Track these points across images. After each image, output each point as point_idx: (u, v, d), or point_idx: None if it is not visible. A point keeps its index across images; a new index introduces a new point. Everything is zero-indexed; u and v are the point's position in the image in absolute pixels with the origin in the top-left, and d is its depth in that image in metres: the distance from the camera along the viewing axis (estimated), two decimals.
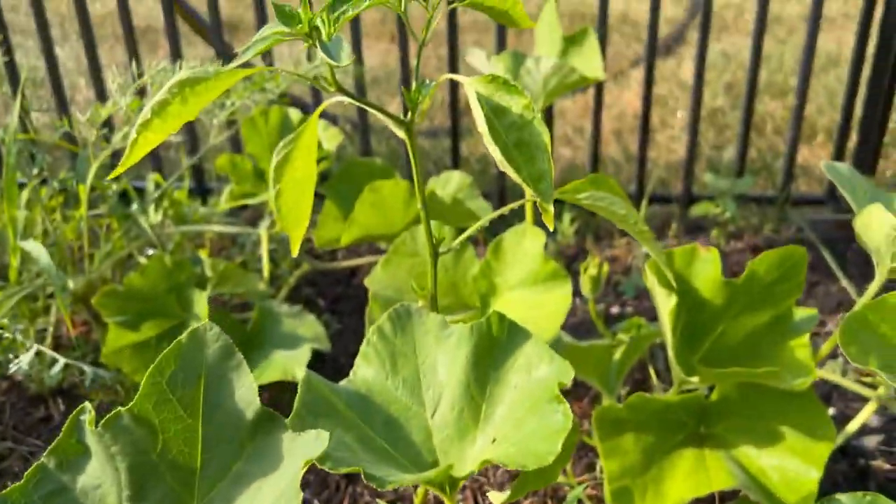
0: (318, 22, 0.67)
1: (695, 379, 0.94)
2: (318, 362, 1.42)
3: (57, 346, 1.45)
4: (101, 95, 1.78)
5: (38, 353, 1.28)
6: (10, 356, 1.20)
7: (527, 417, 0.66)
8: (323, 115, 2.13)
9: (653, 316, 1.56)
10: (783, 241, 1.79)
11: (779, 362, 0.96)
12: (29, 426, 1.32)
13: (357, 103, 0.74)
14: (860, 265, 1.71)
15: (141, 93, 1.33)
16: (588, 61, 1.47)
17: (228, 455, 0.52)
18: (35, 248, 1.25)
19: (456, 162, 1.88)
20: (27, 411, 1.34)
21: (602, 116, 1.78)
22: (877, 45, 1.62)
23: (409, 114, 0.75)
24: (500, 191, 1.86)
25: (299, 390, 0.69)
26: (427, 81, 0.72)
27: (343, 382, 0.76)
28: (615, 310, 1.59)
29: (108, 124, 1.80)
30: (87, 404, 0.53)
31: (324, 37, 0.66)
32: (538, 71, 1.44)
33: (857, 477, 1.12)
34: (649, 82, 1.70)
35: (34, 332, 1.41)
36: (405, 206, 1.27)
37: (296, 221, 0.87)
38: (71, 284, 1.47)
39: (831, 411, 1.26)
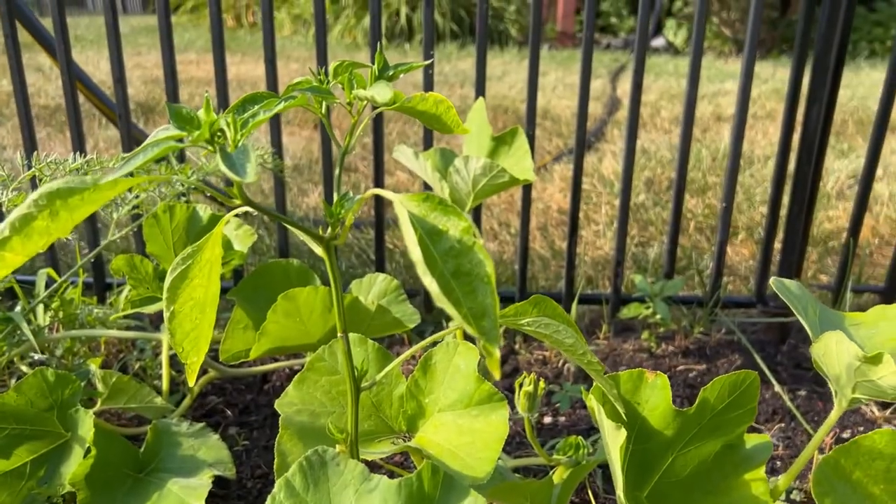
0: (223, 124, 0.57)
1: None
2: (222, 487, 1.26)
3: None
4: None
5: None
6: None
7: None
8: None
9: (586, 426, 1.47)
10: (714, 344, 1.75)
11: (734, 497, 0.87)
12: None
13: (269, 216, 0.64)
14: (791, 368, 1.68)
15: (33, 183, 1.19)
16: (518, 162, 1.41)
17: None
18: None
19: (381, 258, 1.79)
20: None
21: (530, 213, 1.73)
22: (799, 143, 1.63)
23: (330, 229, 0.65)
24: (425, 294, 1.77)
25: None
26: (350, 195, 0.63)
27: None
28: (548, 419, 1.50)
29: None
30: None
31: (229, 143, 0.56)
32: (467, 171, 1.38)
33: None
34: (577, 185, 1.66)
35: None
36: (323, 315, 1.15)
37: (193, 347, 0.75)
38: None
39: None
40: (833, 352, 0.77)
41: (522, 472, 1.30)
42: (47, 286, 1.52)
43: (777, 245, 1.80)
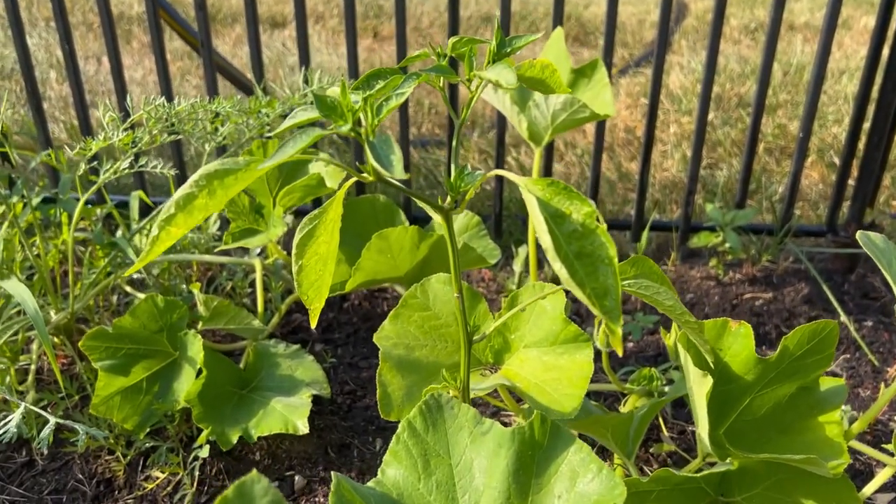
0: (360, 112, 0.61)
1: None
2: (315, 403, 1.37)
3: (38, 382, 1.38)
4: (80, 95, 1.68)
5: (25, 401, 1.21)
6: None
7: None
8: (323, 141, 2.06)
9: (654, 352, 1.53)
10: (781, 273, 1.77)
11: (807, 437, 0.93)
12: (10, 473, 1.25)
13: (401, 190, 0.68)
14: (858, 298, 1.70)
15: (132, 127, 1.25)
16: (597, 95, 1.42)
17: None
18: (18, 290, 1.17)
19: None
20: (8, 455, 1.27)
21: (602, 146, 1.74)
22: (887, 62, 1.58)
23: (449, 200, 0.70)
24: (496, 215, 1.82)
25: (330, 501, 0.65)
26: (471, 170, 0.67)
27: (372, 483, 0.71)
28: None
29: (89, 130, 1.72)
30: None
31: (367, 131, 0.60)
32: (546, 105, 1.40)
33: None
34: (652, 116, 1.66)
35: (14, 371, 1.34)
36: (412, 252, 1.21)
37: (316, 295, 0.82)
38: (53, 316, 1.40)
39: None
40: None
41: (594, 396, 1.38)
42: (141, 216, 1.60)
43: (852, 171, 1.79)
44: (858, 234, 0.93)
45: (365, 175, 0.65)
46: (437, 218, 0.71)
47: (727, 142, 2.42)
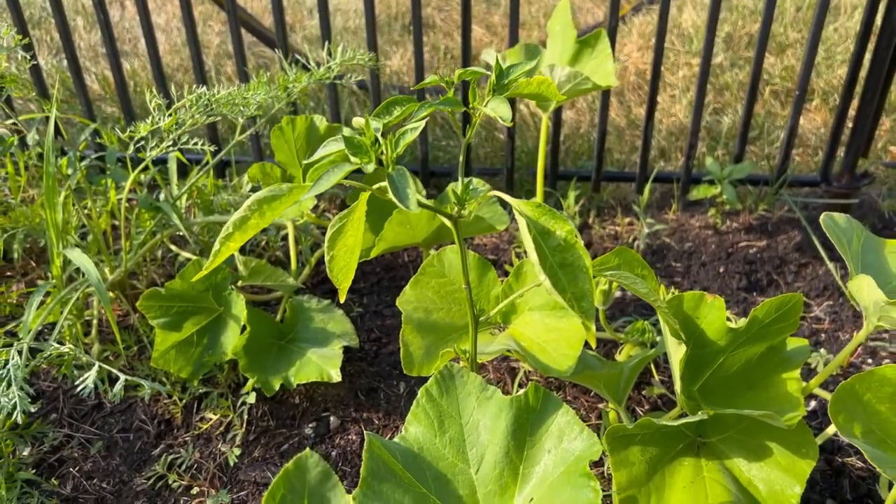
0: (383, 147, 0.74)
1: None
2: (345, 350, 1.53)
3: (99, 334, 1.55)
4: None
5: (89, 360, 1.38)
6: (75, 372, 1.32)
7: (561, 486, 0.78)
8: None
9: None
10: (776, 221, 1.89)
11: (771, 392, 1.08)
12: (83, 414, 1.44)
13: (421, 206, 0.81)
14: None
15: (169, 106, 1.37)
16: (600, 66, 1.52)
17: None
18: (81, 260, 1.33)
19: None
20: (79, 399, 1.46)
21: (608, 109, 1.83)
22: (884, 16, 1.63)
23: (458, 208, 0.83)
24: (508, 170, 1.93)
25: (364, 457, 0.81)
26: (475, 185, 0.80)
27: (397, 439, 0.87)
28: (618, 294, 1.70)
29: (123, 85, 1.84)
30: None
31: (388, 162, 0.73)
32: (553, 76, 1.50)
33: (832, 475, 1.27)
34: (654, 89, 1.74)
35: (80, 326, 1.51)
36: (428, 221, 1.35)
37: (344, 277, 0.96)
38: (108, 274, 1.57)
39: (812, 404, 1.41)
40: (864, 289, 0.93)
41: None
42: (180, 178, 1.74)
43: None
44: (822, 217, 1.05)
45: (381, 192, 0.78)
46: (446, 223, 0.84)
47: (734, 85, 2.48)
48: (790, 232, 1.86)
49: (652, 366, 1.46)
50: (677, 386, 1.05)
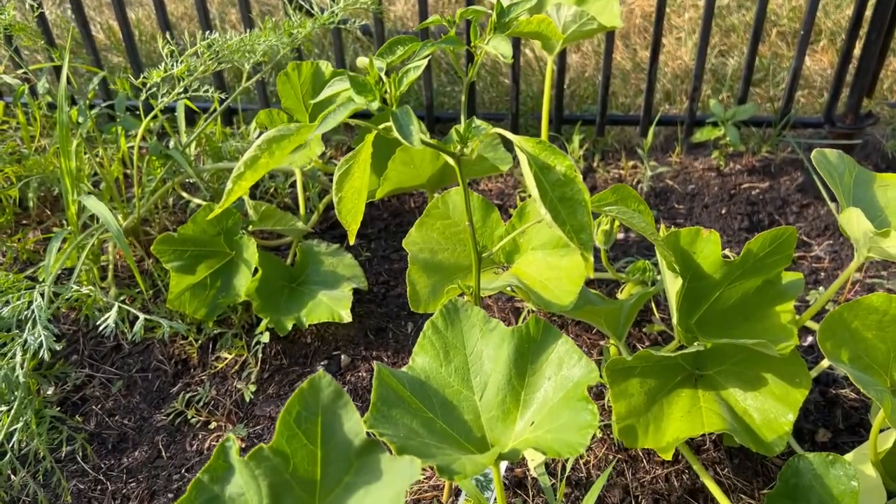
0: (387, 86, 0.76)
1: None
2: (355, 293, 1.57)
3: (115, 279, 1.60)
4: None
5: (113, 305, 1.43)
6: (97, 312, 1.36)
7: (560, 410, 0.83)
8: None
9: (652, 245, 1.70)
10: (779, 163, 1.90)
11: (766, 324, 1.12)
12: (102, 355, 1.49)
13: (426, 145, 0.84)
14: None
15: (181, 52, 1.39)
16: (606, 7, 1.52)
17: (341, 471, 0.68)
18: (98, 207, 1.36)
19: (471, 97, 1.95)
20: (99, 341, 1.51)
21: (612, 54, 1.83)
22: None
23: (460, 147, 0.86)
24: (513, 115, 1.94)
25: (374, 384, 0.85)
26: (478, 124, 0.83)
27: (405, 369, 0.92)
28: (621, 235, 1.73)
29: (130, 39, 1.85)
30: (232, 436, 0.68)
31: (392, 101, 0.76)
32: (558, 17, 1.50)
33: (826, 405, 1.31)
34: (658, 35, 1.74)
35: (97, 271, 1.56)
36: (432, 162, 1.37)
37: (353, 219, 1.00)
38: (121, 220, 1.60)
39: (809, 339, 1.44)
40: (854, 222, 0.96)
41: (597, 284, 1.57)
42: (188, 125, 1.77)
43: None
44: (813, 154, 1.07)
45: (385, 131, 0.81)
46: (450, 161, 0.87)
47: (741, 27, 2.47)
48: (793, 173, 1.87)
49: (653, 304, 1.49)
50: (674, 318, 1.09)
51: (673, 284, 1.04)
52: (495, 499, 1.11)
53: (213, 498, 0.68)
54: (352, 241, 1.01)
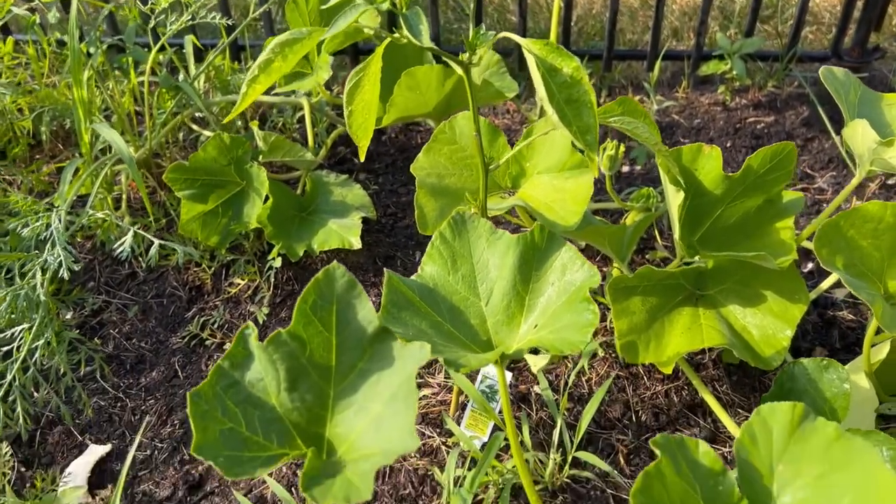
0: None
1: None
2: (364, 224, 1.60)
3: (128, 209, 1.63)
4: None
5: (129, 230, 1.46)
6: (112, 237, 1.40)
7: (563, 312, 0.86)
8: None
9: (657, 174, 1.72)
10: (785, 97, 1.91)
11: (766, 241, 1.14)
12: (118, 282, 1.53)
13: (431, 50, 0.86)
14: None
15: None
16: None
17: (355, 357, 0.71)
18: (111, 135, 1.39)
19: (479, 14, 1.95)
20: (114, 269, 1.55)
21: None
22: None
23: (468, 55, 0.87)
24: (520, 55, 1.95)
25: (384, 290, 0.88)
26: (485, 30, 0.84)
27: (413, 277, 0.95)
28: (626, 169, 1.75)
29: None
30: (251, 324, 0.72)
31: (402, 5, 0.77)
32: None
33: (824, 326, 1.34)
34: None
35: (111, 200, 1.59)
36: (438, 88, 1.39)
37: (363, 134, 1.02)
38: (133, 152, 1.63)
39: (809, 266, 1.47)
40: (859, 134, 0.98)
41: (602, 213, 1.59)
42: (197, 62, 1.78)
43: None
44: (821, 70, 1.08)
45: (398, 37, 0.83)
46: (458, 70, 0.89)
47: None
48: (798, 108, 1.88)
49: (656, 231, 1.52)
50: (676, 233, 1.12)
51: (675, 199, 1.07)
52: (500, 409, 1.15)
53: (234, 383, 0.72)
54: (362, 158, 1.03)
